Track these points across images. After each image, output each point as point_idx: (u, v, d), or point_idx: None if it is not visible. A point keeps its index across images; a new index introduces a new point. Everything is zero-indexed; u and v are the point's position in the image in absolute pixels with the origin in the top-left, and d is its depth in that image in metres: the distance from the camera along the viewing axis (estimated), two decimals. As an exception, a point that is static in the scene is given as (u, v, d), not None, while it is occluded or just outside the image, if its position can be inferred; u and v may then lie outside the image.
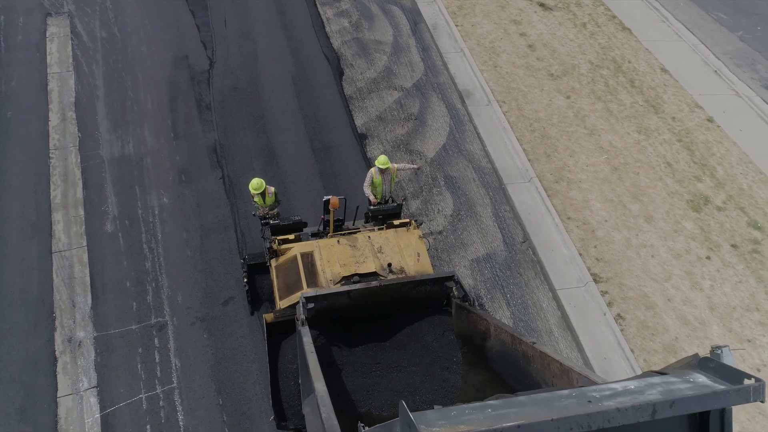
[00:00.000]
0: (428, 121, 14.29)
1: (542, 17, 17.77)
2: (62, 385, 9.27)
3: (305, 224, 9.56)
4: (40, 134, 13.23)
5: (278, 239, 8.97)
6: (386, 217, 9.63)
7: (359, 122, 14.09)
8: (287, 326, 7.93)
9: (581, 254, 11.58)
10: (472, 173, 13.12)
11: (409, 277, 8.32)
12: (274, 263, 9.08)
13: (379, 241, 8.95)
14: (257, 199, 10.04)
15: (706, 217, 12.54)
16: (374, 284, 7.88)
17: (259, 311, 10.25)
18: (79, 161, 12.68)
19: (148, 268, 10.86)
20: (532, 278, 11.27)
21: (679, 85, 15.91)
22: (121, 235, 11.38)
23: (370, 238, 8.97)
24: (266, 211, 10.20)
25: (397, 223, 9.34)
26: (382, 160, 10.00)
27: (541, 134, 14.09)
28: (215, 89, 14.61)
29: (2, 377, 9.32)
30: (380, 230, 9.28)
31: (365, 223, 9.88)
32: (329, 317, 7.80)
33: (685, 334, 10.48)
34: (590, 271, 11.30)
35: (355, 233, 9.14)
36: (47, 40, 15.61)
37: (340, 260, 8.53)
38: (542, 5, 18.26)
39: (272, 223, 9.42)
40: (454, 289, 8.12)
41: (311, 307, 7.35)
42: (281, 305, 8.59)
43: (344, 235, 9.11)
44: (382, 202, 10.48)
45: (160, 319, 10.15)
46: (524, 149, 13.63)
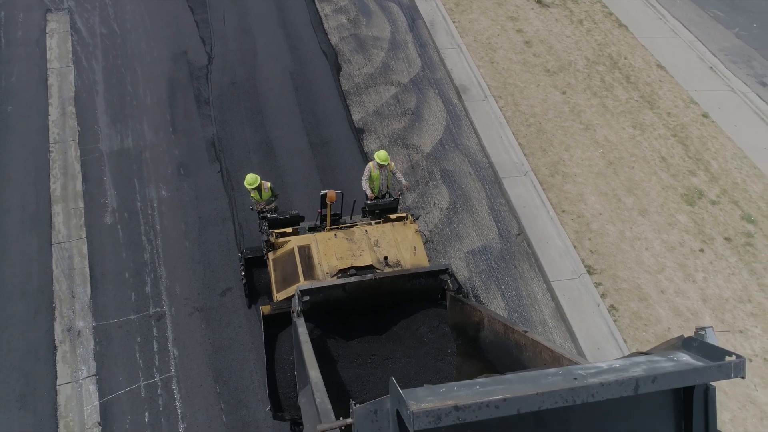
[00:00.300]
0: (425, 116, 14.40)
1: (539, 14, 17.88)
2: (62, 373, 9.39)
3: (302, 218, 9.65)
4: (40, 128, 13.35)
5: (276, 232, 9.08)
6: (383, 211, 9.74)
7: (356, 117, 14.20)
8: (284, 318, 8.02)
9: (575, 246, 11.69)
10: (468, 167, 13.24)
11: (403, 270, 8.41)
12: (271, 256, 9.18)
13: (375, 234, 9.06)
14: (253, 194, 10.16)
15: (700, 210, 12.66)
16: (369, 277, 7.99)
17: (256, 304, 10.36)
18: (78, 155, 12.80)
19: (146, 259, 10.98)
20: (526, 270, 11.39)
21: (674, 81, 16.02)
22: (120, 227, 11.50)
23: (366, 231, 9.08)
24: (263, 205, 10.32)
25: (393, 217, 9.45)
26: (382, 155, 10.09)
27: (536, 129, 14.21)
28: (214, 84, 14.73)
29: (3, 365, 9.45)
30: (377, 224, 9.40)
31: (362, 217, 9.98)
32: (325, 310, 7.89)
33: (677, 324, 10.59)
34: (584, 263, 11.42)
35: (352, 227, 9.24)
36: (47, 36, 15.73)
37: (337, 253, 8.63)
38: (539, 2, 18.38)
39: (270, 217, 9.53)
40: (448, 281, 8.23)
41: (307, 299, 7.44)
42: (278, 297, 8.70)
43: (341, 228, 9.21)
44: (378, 196, 10.59)
45: (158, 309, 10.27)
46: (520, 144, 13.74)
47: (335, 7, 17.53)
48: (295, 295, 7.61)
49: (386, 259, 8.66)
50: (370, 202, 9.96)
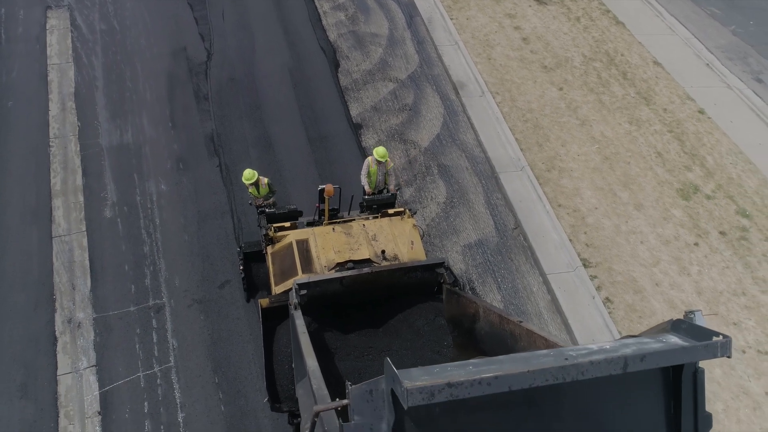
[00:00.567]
0: (422, 111, 14.50)
1: (536, 11, 17.98)
2: (62, 363, 9.49)
3: (300, 213, 9.73)
4: (40, 124, 13.44)
5: (274, 226, 9.17)
6: (380, 206, 9.83)
7: (354, 112, 14.30)
8: (282, 311, 8.07)
9: (571, 240, 11.80)
10: (465, 162, 13.34)
11: (400, 263, 8.48)
12: (270, 250, 9.27)
13: (373, 229, 9.13)
14: (251, 189, 10.26)
15: (695, 205, 12.76)
16: (366, 271, 8.06)
17: (255, 298, 10.43)
18: (78, 149, 12.89)
19: (146, 252, 11.07)
20: (522, 263, 11.49)
21: (671, 77, 16.12)
22: (119, 220, 11.59)
23: (364, 226, 9.15)
24: (261, 201, 10.42)
25: (391, 212, 9.52)
26: (380, 152, 10.18)
27: (533, 125, 14.31)
28: (213, 80, 14.82)
29: (4, 356, 9.55)
30: (375, 219, 9.48)
31: (360, 213, 10.07)
32: (322, 303, 7.95)
33: (672, 317, 10.65)
34: (580, 256, 11.53)
35: (350, 222, 9.32)
36: (47, 32, 15.82)
37: (334, 247, 8.69)
38: (537, 0, 18.49)
39: (268, 212, 9.61)
40: (444, 275, 8.31)
41: (304, 293, 7.51)
42: (276, 290, 8.78)
43: (339, 223, 9.29)
44: (375, 192, 10.70)
45: (157, 301, 10.37)
46: (517, 139, 13.85)
47: (333, 4, 17.62)
48: (292, 288, 7.68)
49: (384, 252, 8.73)
50: (367, 197, 10.06)
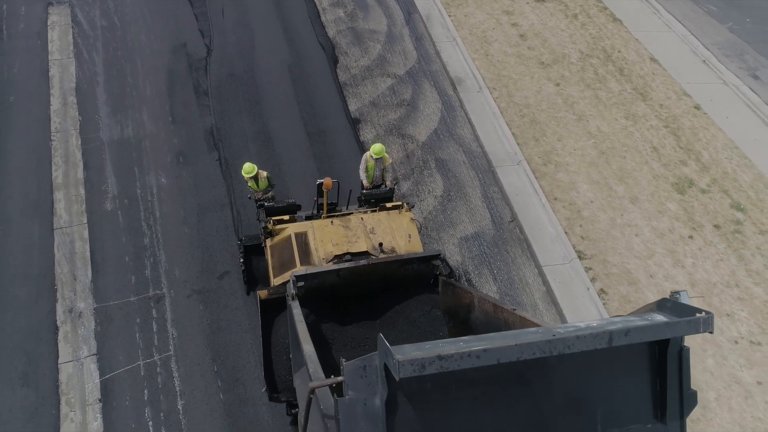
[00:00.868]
0: (420, 106, 14.63)
1: (534, 8, 18.11)
2: (63, 352, 9.62)
3: (299, 207, 9.84)
4: (41, 118, 13.58)
5: (273, 219, 9.29)
6: (378, 200, 9.96)
7: (353, 108, 14.43)
8: (281, 303, 8.15)
9: (567, 233, 11.92)
10: (462, 156, 13.47)
11: (396, 255, 8.59)
12: (269, 242, 9.39)
13: (371, 222, 9.25)
14: (251, 183, 10.39)
15: (690, 199, 12.88)
16: (363, 263, 8.17)
17: (254, 291, 10.55)
18: (79, 143, 13.03)
19: (146, 243, 11.20)
20: (518, 255, 11.62)
21: (667, 74, 16.25)
22: (120, 213, 11.73)
23: (362, 219, 9.27)
24: (260, 195, 10.55)
25: (389, 205, 9.64)
26: (376, 149, 10.33)
27: (530, 120, 14.44)
28: (212, 76, 14.95)
29: (5, 345, 9.68)
30: (373, 212, 9.60)
31: (358, 207, 10.19)
32: (320, 295, 8.06)
33: (666, 308, 10.80)
34: (575, 248, 11.65)
35: (348, 215, 9.44)
36: (48, 28, 15.96)
37: (333, 240, 8.81)
38: (534, -4, 18.61)
39: (267, 205, 9.74)
40: (440, 267, 8.43)
41: (301, 285, 7.61)
42: (275, 282, 8.90)
43: (338, 216, 9.41)
44: (372, 186, 10.84)
45: (157, 291, 10.50)
46: (513, 134, 13.97)
47: (332, 1, 17.74)
48: (290, 280, 7.79)
49: (381, 245, 8.85)
50: (365, 191, 10.19)
